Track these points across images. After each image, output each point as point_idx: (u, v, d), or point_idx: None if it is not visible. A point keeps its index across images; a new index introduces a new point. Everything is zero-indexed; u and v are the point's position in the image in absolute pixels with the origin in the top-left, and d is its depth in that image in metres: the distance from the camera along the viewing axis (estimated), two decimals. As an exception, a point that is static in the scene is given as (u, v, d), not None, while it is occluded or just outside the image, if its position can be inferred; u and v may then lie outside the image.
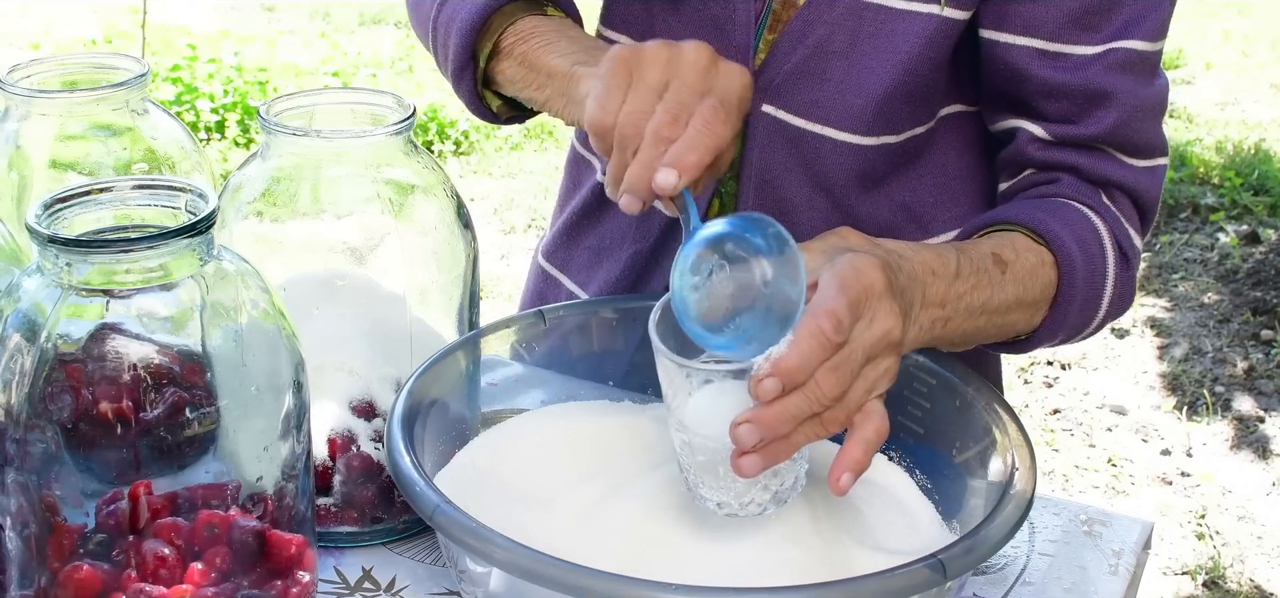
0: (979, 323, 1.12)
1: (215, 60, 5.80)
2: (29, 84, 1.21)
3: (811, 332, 0.92)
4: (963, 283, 1.09)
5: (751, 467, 0.93)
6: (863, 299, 0.95)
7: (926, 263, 1.06)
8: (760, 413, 0.92)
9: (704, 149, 1.02)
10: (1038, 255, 1.18)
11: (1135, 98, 1.23)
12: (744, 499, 0.98)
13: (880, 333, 0.95)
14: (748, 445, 0.93)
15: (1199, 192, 5.05)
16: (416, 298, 1.12)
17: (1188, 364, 3.92)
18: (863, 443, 0.96)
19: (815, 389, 0.93)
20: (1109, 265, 1.22)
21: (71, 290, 0.86)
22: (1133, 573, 1.13)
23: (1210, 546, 3.14)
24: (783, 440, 0.94)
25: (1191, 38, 6.93)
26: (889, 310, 0.96)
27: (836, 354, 0.93)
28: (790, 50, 1.29)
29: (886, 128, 1.28)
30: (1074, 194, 1.24)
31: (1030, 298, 1.17)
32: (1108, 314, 1.24)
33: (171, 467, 0.89)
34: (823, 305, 0.93)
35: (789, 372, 0.91)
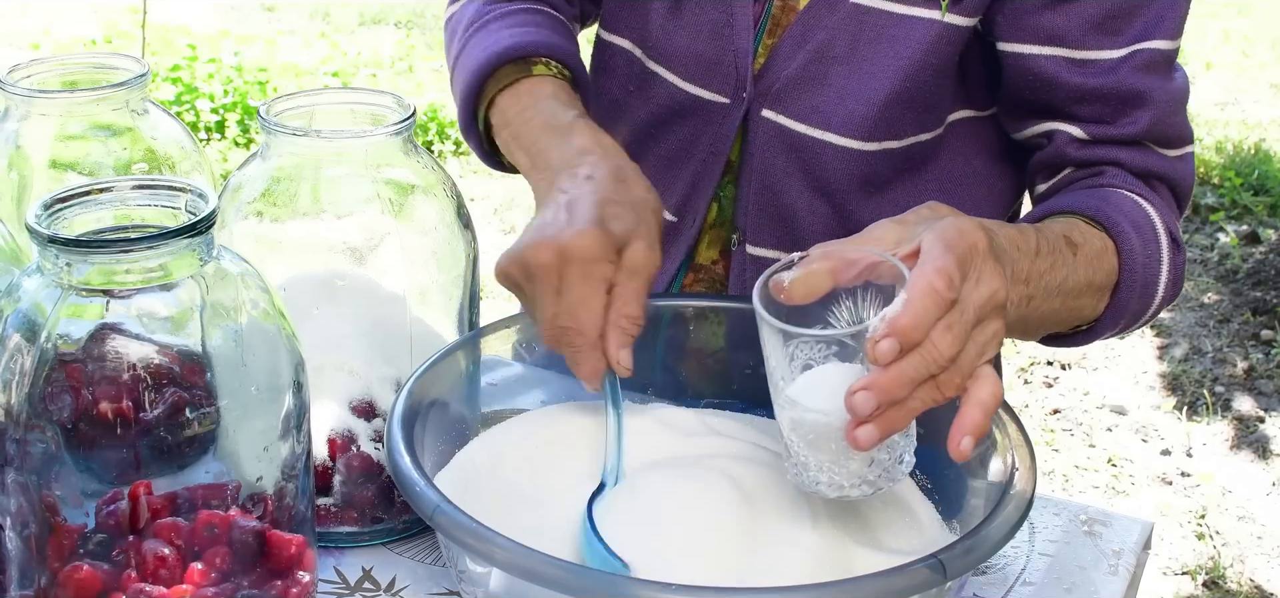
0: (1054, 305, 1.11)
1: (215, 60, 5.80)
2: (29, 84, 1.21)
3: (924, 290, 0.90)
4: (1043, 261, 1.08)
5: (868, 437, 0.91)
6: (969, 257, 0.93)
7: (1012, 238, 1.05)
8: (877, 378, 0.90)
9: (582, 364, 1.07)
10: (1102, 241, 1.18)
11: (1165, 94, 1.24)
12: (857, 478, 0.96)
13: (987, 293, 0.94)
14: (865, 413, 0.90)
15: (1199, 192, 5.05)
16: (416, 298, 1.12)
17: (1188, 364, 3.92)
18: (980, 406, 0.93)
19: (932, 349, 0.90)
20: (1163, 251, 1.22)
21: (71, 290, 0.86)
22: (1133, 573, 1.13)
23: (1210, 546, 3.14)
24: (899, 407, 0.91)
25: (1191, 37, 6.92)
26: (995, 271, 0.95)
27: (950, 312, 0.91)
28: (790, 55, 1.29)
29: (888, 134, 1.28)
30: (1123, 184, 1.24)
31: (1098, 282, 1.17)
32: (1163, 300, 1.24)
33: (171, 467, 0.89)
34: (932, 263, 0.91)
35: (905, 330, 0.89)
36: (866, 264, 0.96)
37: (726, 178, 1.36)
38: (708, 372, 1.22)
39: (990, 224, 1.02)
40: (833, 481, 0.96)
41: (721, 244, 1.38)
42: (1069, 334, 1.23)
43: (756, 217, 1.34)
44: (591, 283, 1.06)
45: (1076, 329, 1.22)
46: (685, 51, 1.34)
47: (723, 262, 1.39)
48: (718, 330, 1.22)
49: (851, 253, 0.96)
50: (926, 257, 0.92)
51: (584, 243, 1.05)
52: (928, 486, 1.11)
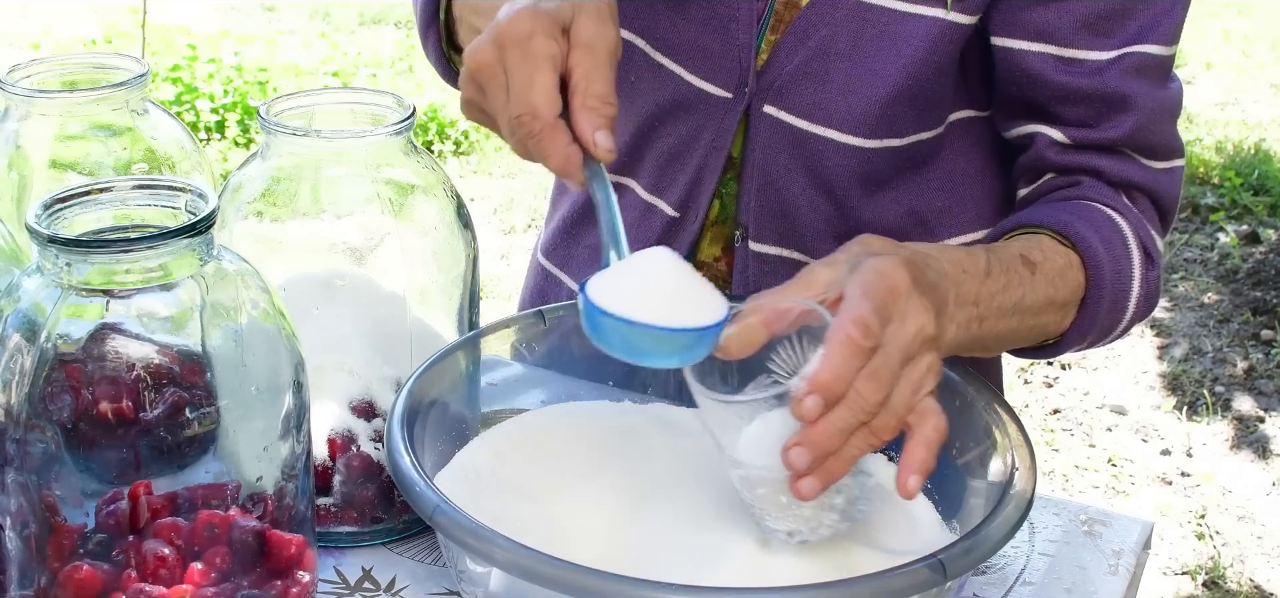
0: (1012, 324, 1.11)
1: (215, 60, 5.80)
2: (29, 84, 1.21)
3: (841, 341, 0.91)
4: (994, 281, 1.08)
5: (810, 489, 0.92)
6: (889, 300, 0.94)
7: (956, 261, 1.05)
8: (808, 433, 0.91)
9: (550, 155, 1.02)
10: (1066, 258, 1.18)
11: (1152, 101, 1.23)
12: (813, 523, 0.97)
13: (913, 331, 0.94)
14: (802, 468, 0.91)
15: (1199, 191, 5.05)
16: (416, 298, 1.12)
17: (1188, 364, 3.92)
18: (924, 443, 0.94)
19: (857, 398, 0.91)
20: (1135, 266, 1.22)
21: (71, 290, 0.86)
22: (1133, 573, 1.13)
23: (1210, 546, 3.14)
24: (836, 457, 0.92)
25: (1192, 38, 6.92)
26: (919, 306, 0.95)
27: (872, 360, 0.91)
28: (792, 51, 1.29)
29: (889, 131, 1.28)
30: (1096, 196, 1.24)
31: (1060, 299, 1.17)
32: (1135, 315, 1.24)
33: (171, 467, 0.89)
34: (849, 314, 0.92)
35: (826, 385, 0.90)
36: (799, 312, 0.97)
37: (728, 174, 1.36)
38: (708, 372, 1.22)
39: (925, 253, 1.03)
40: (791, 529, 0.97)
41: (724, 241, 1.38)
42: (1036, 348, 1.23)
43: (759, 213, 1.34)
44: (532, 61, 1.02)
45: (1043, 343, 1.22)
46: (691, 44, 1.34)
47: (726, 258, 1.39)
48: (718, 331, 1.22)
49: (782, 303, 0.97)
50: (845, 306, 0.93)
51: (515, 24, 1.02)
52: (928, 486, 1.11)
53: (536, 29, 1.02)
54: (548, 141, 1.02)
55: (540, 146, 1.02)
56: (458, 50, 1.29)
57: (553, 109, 1.02)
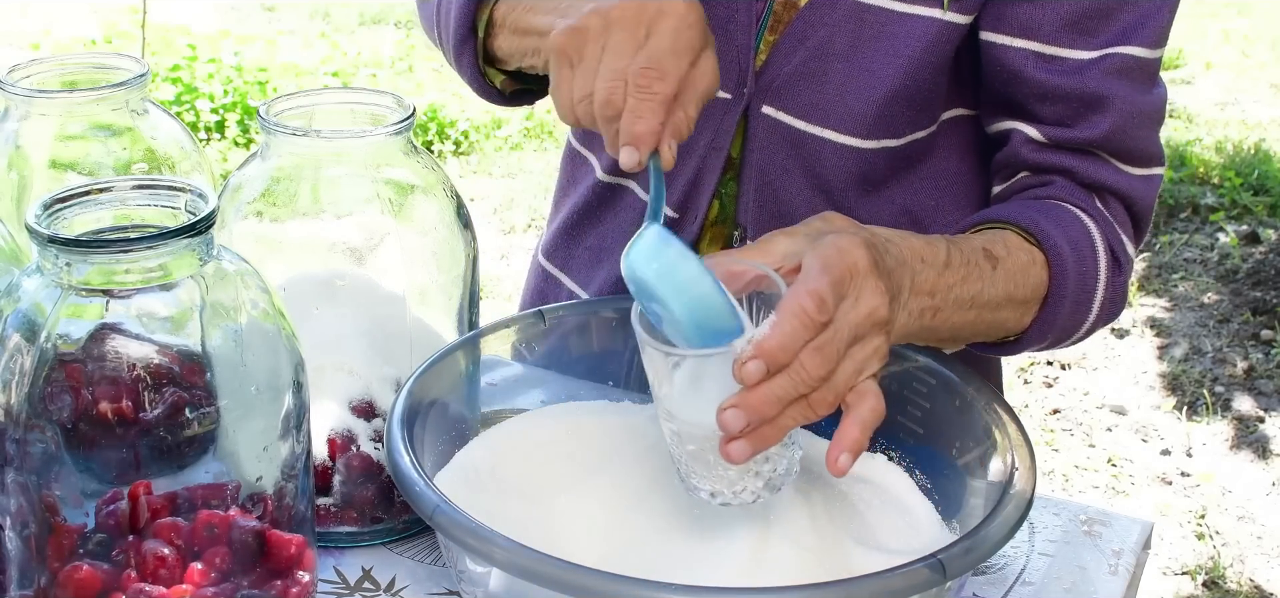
0: (969, 317, 1.11)
1: (215, 60, 5.80)
2: (29, 84, 1.21)
3: (793, 311, 0.91)
4: (953, 273, 1.08)
5: (740, 453, 0.92)
6: (846, 278, 0.94)
7: (915, 250, 1.05)
8: (745, 396, 0.91)
9: (647, 118, 1.01)
10: (1029, 254, 1.17)
11: (1132, 104, 1.22)
12: (737, 487, 0.97)
13: (866, 311, 0.94)
14: (735, 430, 0.91)
15: (1199, 192, 5.05)
16: (416, 298, 1.12)
17: (1187, 364, 3.92)
18: (859, 423, 0.94)
19: (800, 370, 0.91)
20: (1100, 268, 1.21)
21: (71, 290, 0.86)
22: (1132, 573, 1.13)
23: (1210, 546, 3.14)
24: (770, 424, 0.92)
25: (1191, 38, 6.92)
26: (874, 289, 0.95)
27: (820, 334, 0.91)
28: (791, 52, 1.29)
29: (887, 131, 1.28)
30: (1067, 196, 1.23)
31: (1021, 296, 1.16)
32: (1098, 319, 1.24)
33: (171, 467, 0.89)
34: (805, 285, 0.92)
35: (771, 352, 0.90)
36: (753, 276, 0.97)
37: (727, 175, 1.36)
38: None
39: (886, 237, 1.02)
40: (716, 489, 0.98)
41: (723, 241, 1.38)
42: (995, 344, 1.23)
43: (757, 213, 1.34)
44: (686, 39, 1.03)
45: (1003, 340, 1.22)
46: None
47: None
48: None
49: (737, 265, 0.97)
50: (802, 278, 0.93)
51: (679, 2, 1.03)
52: (927, 485, 1.11)
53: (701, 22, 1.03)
54: (656, 109, 1.02)
55: (645, 107, 1.02)
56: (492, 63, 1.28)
57: (675, 81, 1.02)
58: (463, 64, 1.30)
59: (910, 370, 1.13)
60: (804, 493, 1.05)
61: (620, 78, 1.02)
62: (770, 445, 0.94)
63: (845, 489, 1.09)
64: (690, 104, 1.04)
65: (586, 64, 1.05)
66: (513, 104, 1.34)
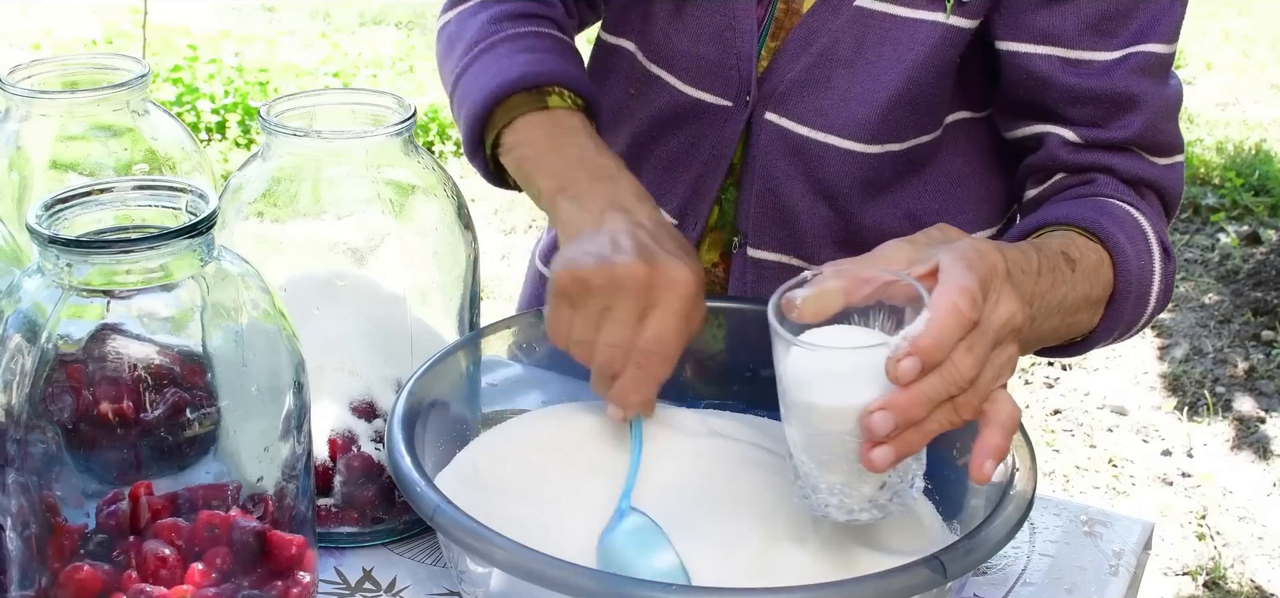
0: (1054, 323, 1.11)
1: (216, 61, 5.80)
2: (30, 84, 1.21)
3: (948, 309, 0.89)
4: (1044, 280, 1.07)
5: (883, 459, 0.89)
6: (990, 278, 0.93)
7: (1016, 260, 1.04)
8: (896, 397, 0.89)
9: (644, 390, 1.06)
10: (1098, 254, 1.17)
11: (1159, 99, 1.24)
12: (865, 500, 0.94)
13: (1006, 315, 0.93)
14: (882, 434, 0.89)
15: (1200, 192, 5.05)
16: (417, 298, 1.11)
17: (1188, 365, 3.92)
18: (1001, 428, 0.93)
19: (952, 369, 0.89)
20: (1155, 261, 1.22)
21: (72, 291, 0.86)
22: (1133, 574, 1.13)
23: (1211, 546, 3.14)
24: (916, 428, 0.90)
25: (1192, 38, 6.92)
26: (1012, 294, 0.94)
27: (971, 334, 0.90)
28: (793, 58, 1.29)
29: (891, 136, 1.28)
30: (1114, 193, 1.24)
31: (1095, 296, 1.16)
32: (1154, 309, 1.24)
33: (172, 467, 0.89)
34: (956, 282, 0.90)
35: (928, 349, 0.88)
36: (879, 283, 0.95)
37: (728, 180, 1.36)
38: (708, 373, 1.22)
39: (1001, 246, 1.01)
40: (843, 503, 0.95)
41: (721, 247, 1.38)
42: (1063, 347, 1.23)
43: (758, 219, 1.34)
44: (693, 321, 1.06)
45: (1071, 341, 1.22)
46: (687, 54, 1.34)
47: (723, 264, 1.39)
48: (718, 333, 1.22)
49: (865, 272, 0.95)
50: (949, 276, 0.91)
51: (687, 273, 1.05)
52: (928, 486, 1.11)
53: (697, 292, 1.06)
54: (653, 379, 1.06)
55: (644, 377, 1.05)
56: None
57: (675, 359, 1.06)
58: (474, 163, 1.33)
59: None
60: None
61: (621, 349, 1.04)
62: (913, 452, 0.91)
63: (846, 490, 1.09)
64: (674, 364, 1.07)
65: (586, 315, 1.05)
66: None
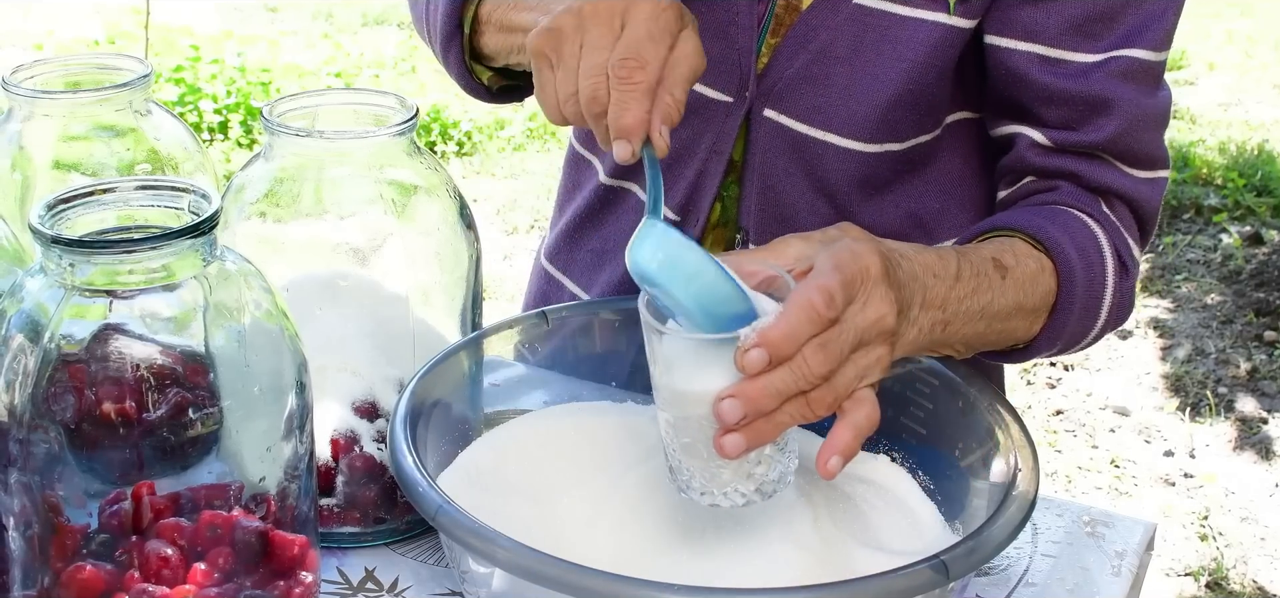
0: (979, 328, 1.10)
1: (218, 61, 5.81)
2: (32, 85, 1.21)
3: (801, 304, 0.90)
4: (963, 286, 1.08)
5: (734, 446, 0.91)
6: (857, 280, 0.93)
7: (927, 264, 1.05)
8: (744, 387, 0.90)
9: (632, 108, 1.01)
10: (1038, 262, 1.16)
11: (1137, 107, 1.22)
12: (727, 488, 0.96)
13: (873, 317, 0.94)
14: (732, 421, 0.90)
15: (1202, 193, 5.05)
16: (419, 299, 1.12)
17: (1191, 365, 3.92)
18: (853, 427, 0.94)
19: (802, 365, 0.90)
20: (1108, 274, 1.21)
21: (74, 291, 0.86)
22: (1135, 574, 1.13)
23: (1213, 547, 3.14)
24: (767, 419, 0.91)
25: (1194, 38, 6.92)
26: (883, 297, 0.95)
27: (826, 331, 0.91)
28: (793, 55, 1.29)
29: (890, 135, 1.28)
30: (1073, 202, 1.23)
31: (1030, 305, 1.16)
32: (1106, 324, 1.23)
33: (174, 467, 0.90)
34: (815, 281, 0.91)
35: (775, 343, 0.89)
36: (764, 277, 0.96)
37: (730, 177, 1.36)
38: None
39: (899, 251, 1.02)
40: (705, 488, 0.96)
41: (724, 244, 1.38)
42: (1003, 352, 1.22)
43: (759, 216, 1.34)
44: (661, 24, 1.03)
45: (1011, 348, 1.21)
46: None
47: None
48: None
49: (749, 264, 0.96)
50: (813, 274, 0.93)
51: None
52: (930, 486, 1.11)
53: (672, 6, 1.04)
54: (640, 98, 1.02)
55: (629, 97, 1.02)
56: (479, 61, 1.29)
57: (658, 76, 1.02)
58: (449, 61, 1.30)
59: (913, 372, 1.13)
60: (806, 494, 1.05)
61: (601, 72, 1.03)
62: (765, 442, 0.93)
63: (848, 491, 1.09)
64: (676, 87, 1.04)
65: (566, 63, 1.05)
66: (500, 101, 1.35)
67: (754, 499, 0.97)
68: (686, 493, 0.98)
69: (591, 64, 1.03)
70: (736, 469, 0.95)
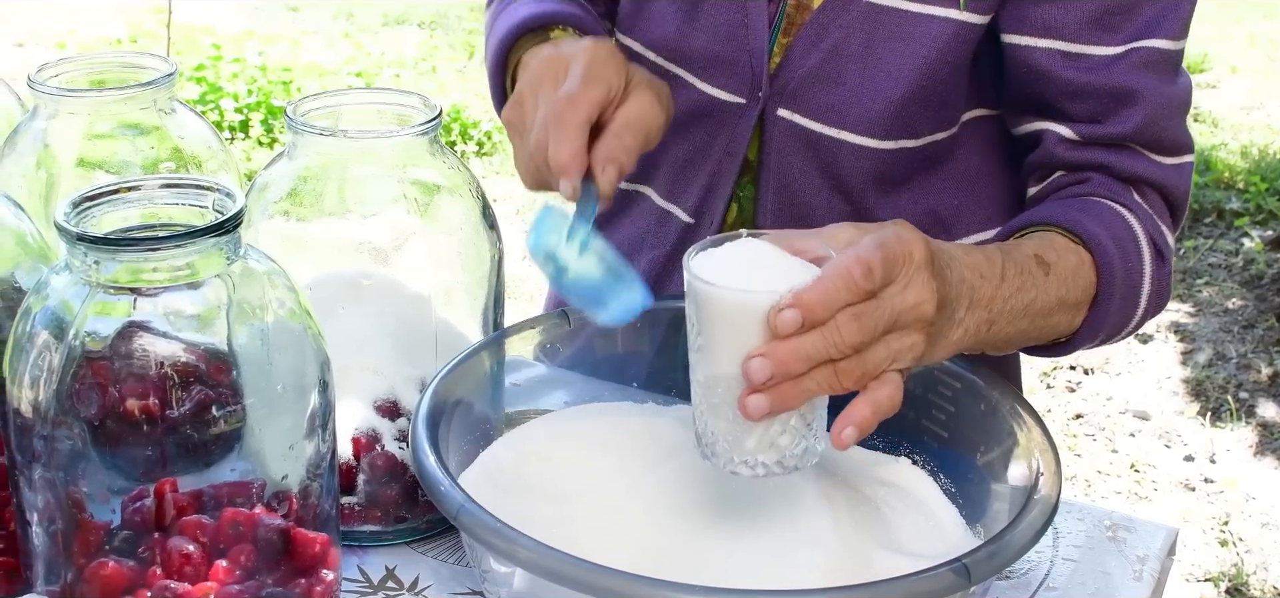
0: (1022, 326, 1.10)
1: (239, 60, 5.82)
2: (57, 83, 1.22)
3: (839, 272, 0.90)
4: (1008, 285, 1.07)
5: (757, 407, 0.91)
6: (900, 262, 0.93)
7: (975, 265, 1.05)
8: (774, 347, 0.90)
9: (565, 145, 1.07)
10: (1078, 256, 1.16)
11: (1160, 96, 1.22)
12: (749, 455, 0.95)
13: (912, 302, 0.93)
14: (758, 380, 0.90)
15: (1224, 196, 5.03)
16: (441, 298, 1.12)
17: (1211, 370, 3.90)
18: (872, 403, 0.93)
19: (834, 332, 0.90)
20: (1145, 263, 1.21)
21: (99, 288, 0.87)
22: (1157, 579, 1.13)
23: (1233, 552, 3.12)
24: (793, 383, 0.91)
25: (1217, 41, 6.89)
26: (925, 284, 0.94)
27: (862, 304, 0.91)
28: (805, 54, 1.29)
29: (904, 132, 1.28)
30: (1106, 193, 1.23)
31: (1072, 299, 1.15)
32: (1145, 313, 1.23)
33: (197, 464, 0.90)
34: (855, 252, 0.91)
35: (809, 304, 0.89)
36: (812, 256, 0.96)
37: (745, 178, 1.36)
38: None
39: (949, 249, 1.02)
40: (727, 453, 0.96)
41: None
42: (1046, 347, 1.22)
43: (776, 216, 1.34)
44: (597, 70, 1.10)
45: (1054, 343, 1.21)
46: (702, 52, 1.34)
47: None
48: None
49: (799, 242, 0.96)
50: (855, 247, 0.92)
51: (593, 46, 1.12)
52: (951, 489, 1.11)
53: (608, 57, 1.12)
54: (571, 134, 1.07)
55: (560, 133, 1.07)
56: None
57: (590, 114, 1.08)
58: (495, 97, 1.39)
59: (934, 374, 1.13)
60: (827, 497, 1.05)
61: (543, 124, 1.09)
62: (789, 407, 0.92)
63: (869, 493, 1.09)
64: (625, 134, 1.09)
65: (528, 126, 1.12)
66: None
67: (775, 471, 0.96)
68: (710, 459, 0.97)
69: (540, 117, 1.10)
70: (760, 437, 0.94)
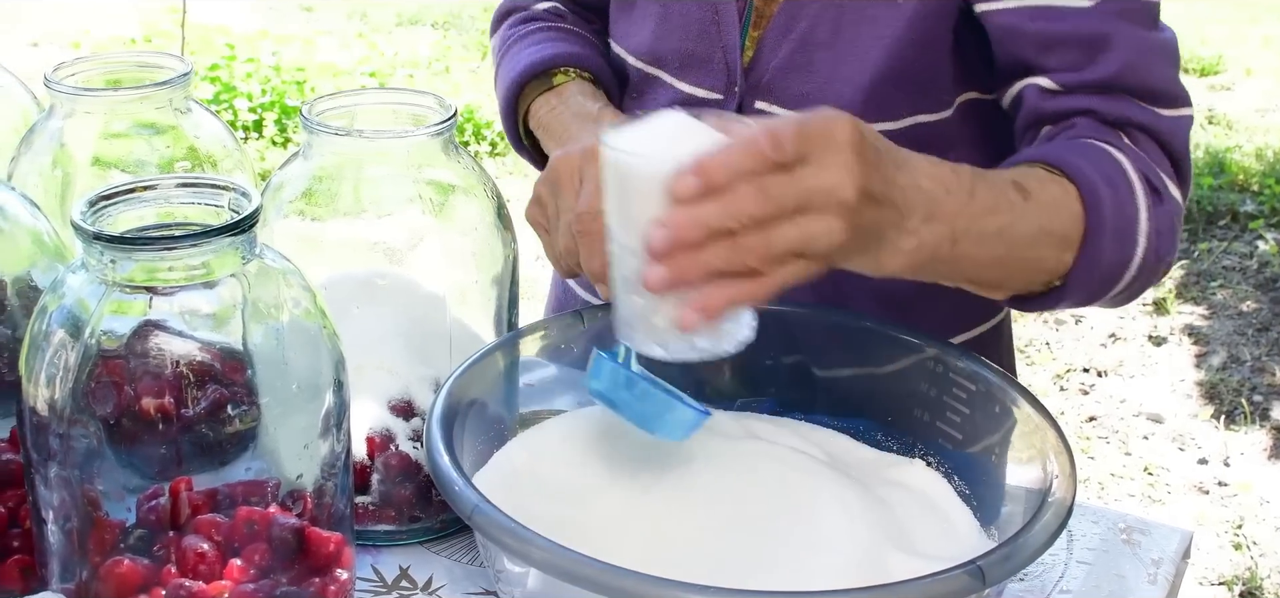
0: (998, 252, 1.05)
1: (253, 60, 5.83)
2: (73, 82, 1.22)
3: (745, 140, 0.88)
4: (978, 203, 1.03)
5: (657, 278, 0.89)
6: (819, 142, 0.89)
7: (938, 177, 1.00)
8: (674, 214, 0.88)
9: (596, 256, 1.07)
10: (1060, 187, 1.11)
11: (1139, 40, 1.19)
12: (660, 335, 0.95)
13: (828, 184, 0.89)
14: (656, 249, 0.88)
15: (1238, 199, 5.02)
16: (456, 298, 1.12)
17: (1226, 373, 3.89)
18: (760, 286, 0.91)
19: (733, 200, 0.87)
20: (1138, 198, 1.15)
21: (115, 287, 0.87)
22: (1172, 582, 1.13)
23: (1247, 556, 3.12)
24: (691, 254, 0.88)
25: (1231, 44, 6.88)
26: (845, 166, 0.89)
27: (770, 175, 0.88)
28: (775, 46, 1.29)
29: (880, 113, 1.26)
30: (1091, 133, 1.18)
31: (1057, 230, 1.10)
32: (1146, 256, 1.15)
33: (212, 463, 0.90)
34: (769, 125, 0.88)
35: (707, 168, 0.87)
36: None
37: None
38: (739, 373, 1.22)
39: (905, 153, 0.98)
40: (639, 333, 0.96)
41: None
42: (1040, 295, 1.16)
43: None
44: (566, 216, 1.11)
45: (1048, 287, 1.15)
46: (677, 52, 1.35)
47: None
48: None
49: (737, 128, 0.93)
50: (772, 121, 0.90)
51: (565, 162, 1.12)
52: (965, 491, 1.11)
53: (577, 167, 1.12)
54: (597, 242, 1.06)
55: (588, 246, 1.08)
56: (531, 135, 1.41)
57: None
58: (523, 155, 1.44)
59: (949, 376, 1.13)
60: (841, 498, 1.05)
61: (569, 230, 1.11)
62: (689, 280, 0.90)
63: (883, 495, 1.08)
64: None
65: (552, 225, 1.14)
66: None
67: (689, 355, 0.95)
68: (626, 341, 0.98)
69: (563, 224, 1.12)
70: (671, 316, 0.93)
